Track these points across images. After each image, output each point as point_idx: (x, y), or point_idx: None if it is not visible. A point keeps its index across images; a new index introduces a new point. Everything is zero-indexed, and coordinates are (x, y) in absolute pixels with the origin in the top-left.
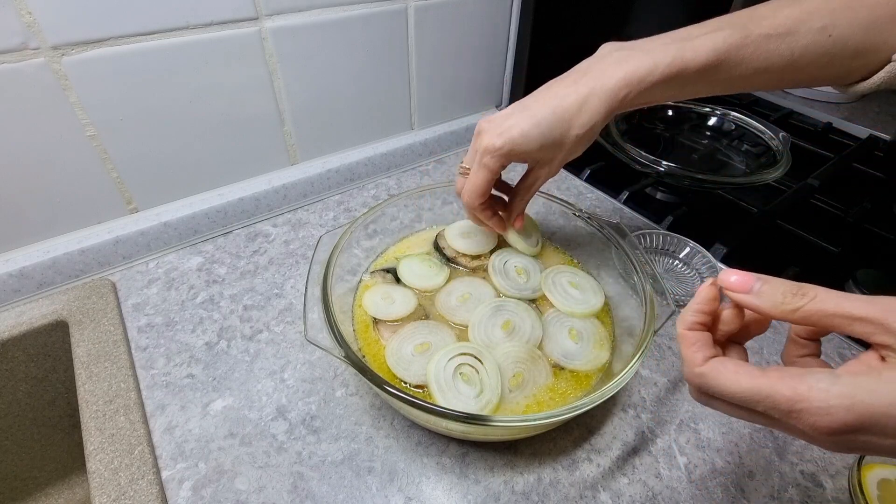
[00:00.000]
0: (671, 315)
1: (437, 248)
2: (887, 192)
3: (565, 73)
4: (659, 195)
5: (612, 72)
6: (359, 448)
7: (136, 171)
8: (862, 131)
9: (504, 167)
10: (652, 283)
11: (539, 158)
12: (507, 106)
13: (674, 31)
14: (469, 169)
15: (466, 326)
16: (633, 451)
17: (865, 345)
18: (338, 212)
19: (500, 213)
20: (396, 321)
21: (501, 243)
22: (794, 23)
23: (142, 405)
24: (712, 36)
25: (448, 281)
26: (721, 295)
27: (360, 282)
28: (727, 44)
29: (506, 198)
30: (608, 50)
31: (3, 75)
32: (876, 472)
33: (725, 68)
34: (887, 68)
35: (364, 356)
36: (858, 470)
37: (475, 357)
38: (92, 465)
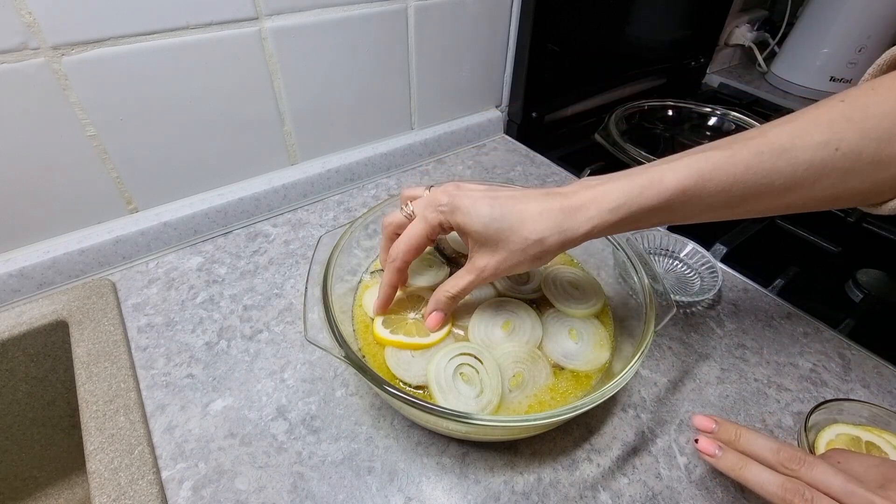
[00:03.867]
0: (671, 315)
1: (437, 248)
2: None
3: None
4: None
5: (587, 199)
6: (359, 448)
7: (136, 171)
8: None
9: (441, 229)
10: (652, 283)
11: (478, 242)
12: (506, 106)
13: (649, 163)
14: (411, 216)
15: (466, 327)
16: (633, 451)
17: None
18: (338, 212)
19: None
20: None
21: None
22: (788, 139)
23: (142, 405)
24: (691, 157)
25: None
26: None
27: (360, 282)
28: (710, 163)
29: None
30: (582, 182)
31: (3, 75)
32: (833, 429)
33: (711, 191)
34: None
35: (364, 356)
36: (806, 434)
37: (475, 357)
38: (92, 465)
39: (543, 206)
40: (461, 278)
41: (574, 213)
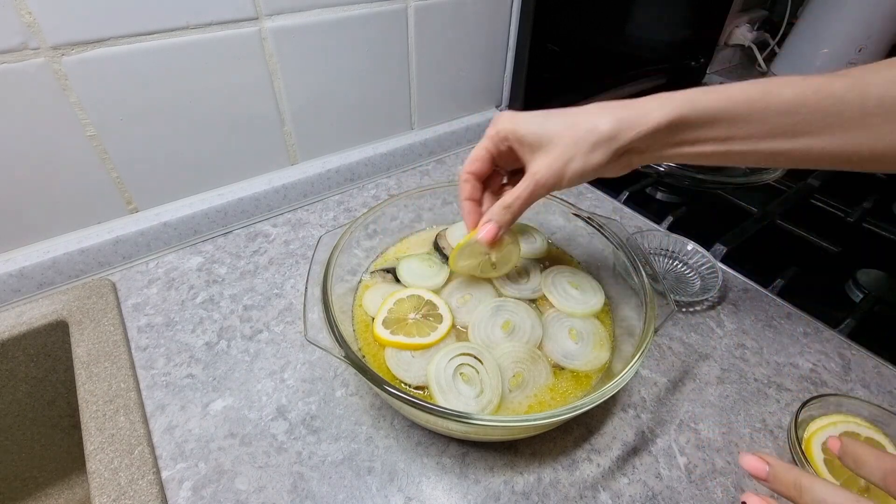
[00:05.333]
0: (671, 315)
1: (437, 248)
2: (887, 192)
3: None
4: (659, 195)
5: (651, 99)
6: (359, 448)
7: (136, 171)
8: None
9: (503, 146)
10: (652, 283)
11: (533, 146)
12: (506, 107)
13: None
14: None
15: (467, 328)
16: (633, 451)
17: None
18: (338, 212)
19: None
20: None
21: None
22: (861, 72)
23: (142, 405)
24: (759, 79)
25: (448, 281)
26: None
27: (360, 282)
28: (777, 83)
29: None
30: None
31: (3, 75)
32: (819, 436)
33: (777, 110)
34: None
35: (364, 356)
36: (795, 429)
37: (475, 357)
38: (92, 465)
39: (602, 105)
40: (517, 187)
41: (636, 107)
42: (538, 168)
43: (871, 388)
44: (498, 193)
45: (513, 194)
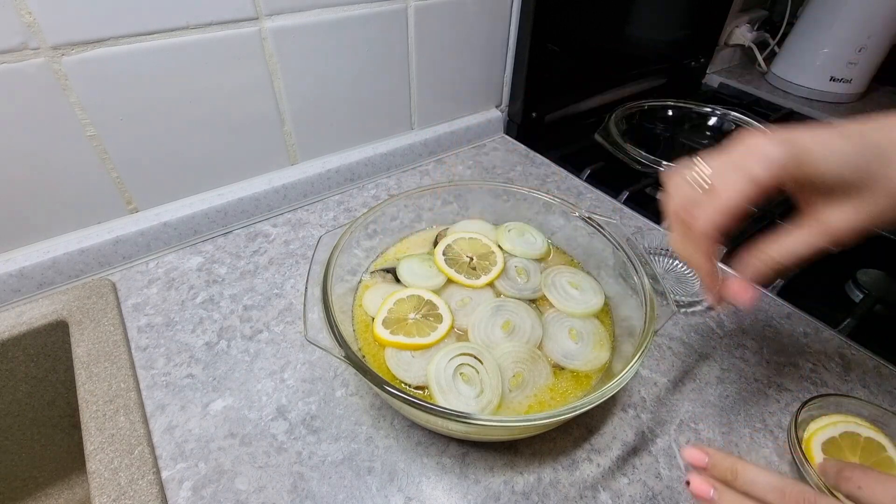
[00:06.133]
0: (671, 315)
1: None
2: None
3: None
4: (659, 195)
5: None
6: (359, 448)
7: (136, 171)
8: None
9: (778, 183)
10: (652, 283)
11: (832, 190)
12: (506, 106)
13: None
14: (709, 182)
15: (466, 331)
16: (633, 451)
17: None
18: (338, 212)
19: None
20: None
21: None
22: None
23: (142, 405)
24: None
25: (448, 282)
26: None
27: (360, 282)
28: None
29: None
30: None
31: (3, 75)
32: (818, 437)
33: None
34: None
35: (364, 356)
36: (795, 429)
37: (475, 357)
38: (92, 465)
39: None
40: (796, 241)
41: None
42: (841, 221)
43: (871, 388)
44: None
45: (786, 248)
